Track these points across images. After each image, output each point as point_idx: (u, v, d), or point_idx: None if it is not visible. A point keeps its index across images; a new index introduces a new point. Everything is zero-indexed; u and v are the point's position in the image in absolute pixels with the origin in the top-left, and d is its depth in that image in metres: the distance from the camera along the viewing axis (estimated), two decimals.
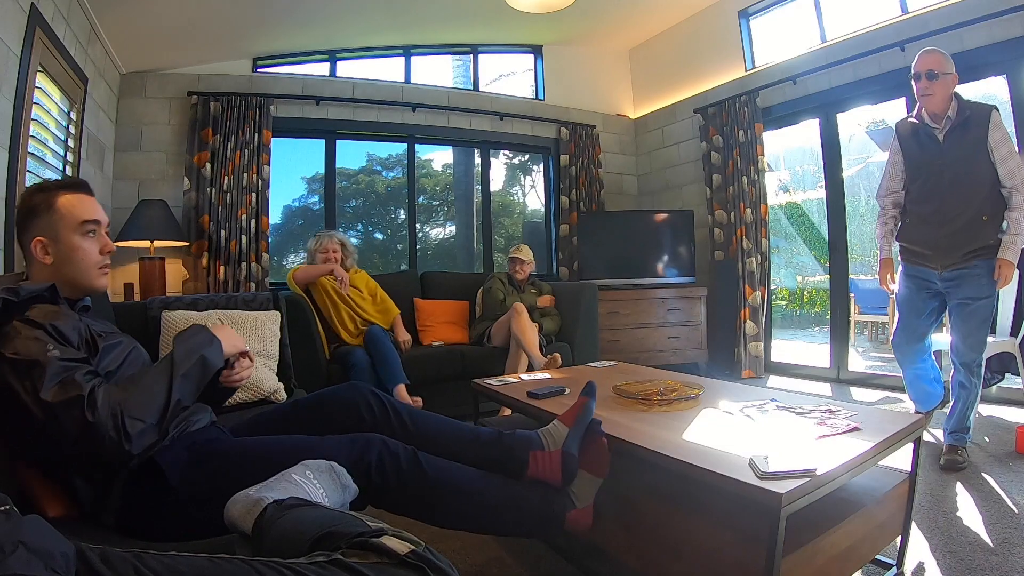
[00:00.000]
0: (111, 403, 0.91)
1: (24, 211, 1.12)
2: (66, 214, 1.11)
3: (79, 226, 1.12)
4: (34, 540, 0.61)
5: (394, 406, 1.28)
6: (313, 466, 0.97)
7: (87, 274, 1.14)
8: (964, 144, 2.04)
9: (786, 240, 6.85)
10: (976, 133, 2.02)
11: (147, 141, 3.54)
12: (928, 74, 2.04)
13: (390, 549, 0.68)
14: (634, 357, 3.83)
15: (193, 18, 3.21)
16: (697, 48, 4.55)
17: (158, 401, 0.97)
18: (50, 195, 1.11)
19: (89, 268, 1.14)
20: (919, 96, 2.09)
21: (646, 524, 1.26)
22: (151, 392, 0.97)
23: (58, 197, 1.11)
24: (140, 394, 0.96)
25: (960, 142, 2.05)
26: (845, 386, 3.59)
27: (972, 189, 2.04)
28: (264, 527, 0.80)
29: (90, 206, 1.15)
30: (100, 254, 1.16)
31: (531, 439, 1.23)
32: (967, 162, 2.04)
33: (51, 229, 1.10)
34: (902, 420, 1.35)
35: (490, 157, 4.81)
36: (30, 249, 1.11)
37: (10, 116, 2.00)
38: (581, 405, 1.27)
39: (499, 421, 2.16)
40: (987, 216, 2.03)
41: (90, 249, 1.14)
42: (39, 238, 1.10)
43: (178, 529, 0.98)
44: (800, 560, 1.03)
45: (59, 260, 1.11)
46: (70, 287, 1.13)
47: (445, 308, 3.54)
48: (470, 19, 4.12)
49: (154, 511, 1.01)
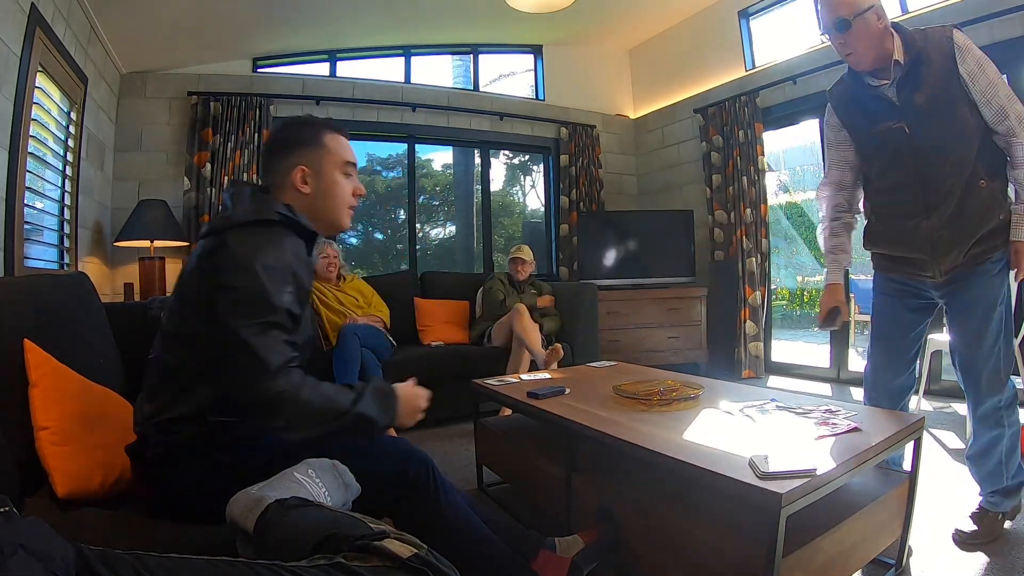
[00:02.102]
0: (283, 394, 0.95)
1: (287, 139, 1.15)
2: (334, 151, 1.16)
3: (343, 165, 1.17)
4: (34, 542, 0.61)
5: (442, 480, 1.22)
6: (316, 464, 0.97)
7: (339, 211, 1.18)
8: (927, 90, 1.43)
9: (786, 240, 6.86)
10: (940, 69, 1.42)
11: (147, 141, 3.54)
12: (838, 25, 1.43)
13: (392, 552, 0.68)
14: (634, 357, 3.83)
15: (193, 18, 3.21)
16: (697, 48, 4.55)
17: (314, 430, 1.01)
18: (318, 130, 1.16)
19: (342, 205, 1.18)
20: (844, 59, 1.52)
21: (646, 524, 1.26)
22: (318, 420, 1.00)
23: (325, 134, 1.16)
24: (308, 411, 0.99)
25: (921, 90, 1.44)
26: (845, 386, 3.59)
27: (956, 149, 1.44)
28: (266, 527, 0.80)
29: (350, 149, 1.20)
30: (352, 195, 1.20)
31: (543, 541, 1.25)
32: (938, 113, 1.44)
33: (317, 161, 1.14)
34: (902, 420, 1.35)
35: (490, 157, 4.81)
36: (289, 175, 1.12)
37: (10, 116, 2.00)
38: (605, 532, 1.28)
39: (499, 421, 2.16)
40: (984, 180, 1.44)
41: (347, 187, 1.18)
42: (303, 167, 1.12)
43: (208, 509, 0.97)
44: (800, 560, 1.03)
45: (317, 192, 1.14)
46: (320, 221, 1.15)
47: (445, 308, 3.54)
48: (470, 19, 4.12)
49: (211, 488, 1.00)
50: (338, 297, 3.01)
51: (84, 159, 2.82)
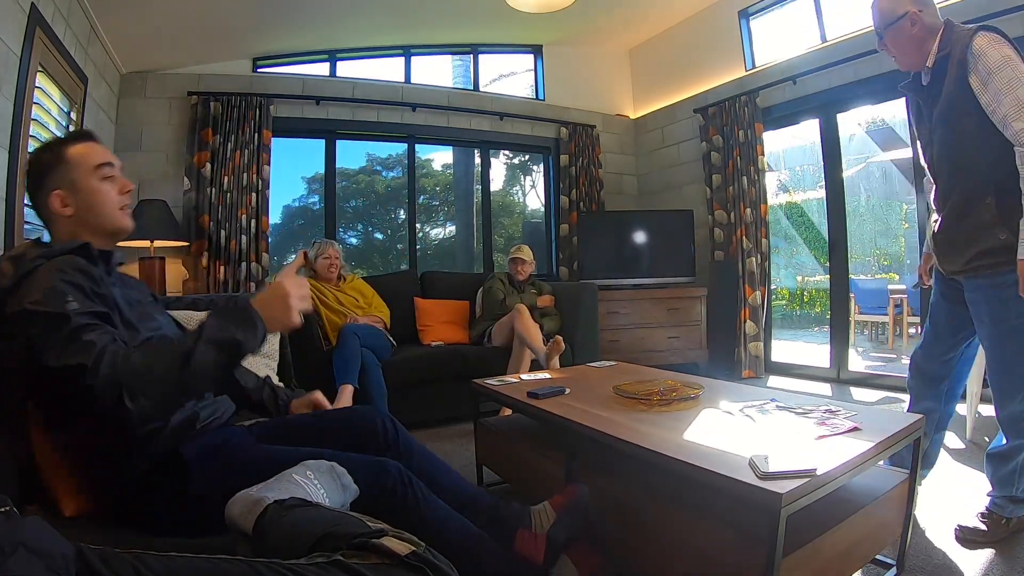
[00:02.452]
0: (116, 372, 0.86)
1: (35, 171, 1.10)
2: (81, 161, 1.10)
3: (95, 170, 1.11)
4: (34, 541, 0.61)
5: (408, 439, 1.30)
6: (314, 466, 0.97)
7: (111, 216, 1.12)
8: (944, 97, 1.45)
9: (786, 240, 6.86)
10: (955, 76, 1.40)
11: (147, 141, 3.54)
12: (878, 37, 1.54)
13: (390, 550, 0.68)
14: (634, 357, 3.83)
15: (193, 18, 3.21)
16: (697, 48, 4.55)
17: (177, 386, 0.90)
18: (58, 148, 1.11)
19: (112, 210, 1.12)
20: None
21: (646, 524, 1.26)
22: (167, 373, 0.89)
23: (66, 148, 1.10)
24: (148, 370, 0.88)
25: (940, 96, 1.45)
26: (845, 386, 3.59)
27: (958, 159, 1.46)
28: (265, 527, 0.80)
29: (101, 150, 1.14)
30: (120, 194, 1.14)
31: (522, 517, 1.24)
32: (947, 121, 1.45)
33: (67, 179, 1.08)
34: (902, 420, 1.35)
35: (490, 157, 4.81)
36: (48, 206, 1.09)
37: (10, 116, 2.00)
38: (571, 494, 1.27)
39: (499, 421, 2.16)
40: (992, 197, 1.40)
41: (110, 191, 1.12)
42: (57, 191, 1.08)
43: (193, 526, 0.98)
44: (800, 560, 1.03)
45: (81, 208, 1.09)
46: (96, 234, 1.10)
47: (445, 308, 3.54)
48: (470, 19, 4.12)
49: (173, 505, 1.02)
50: (338, 297, 3.02)
51: None
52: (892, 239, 6.47)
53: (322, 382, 2.48)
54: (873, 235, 6.42)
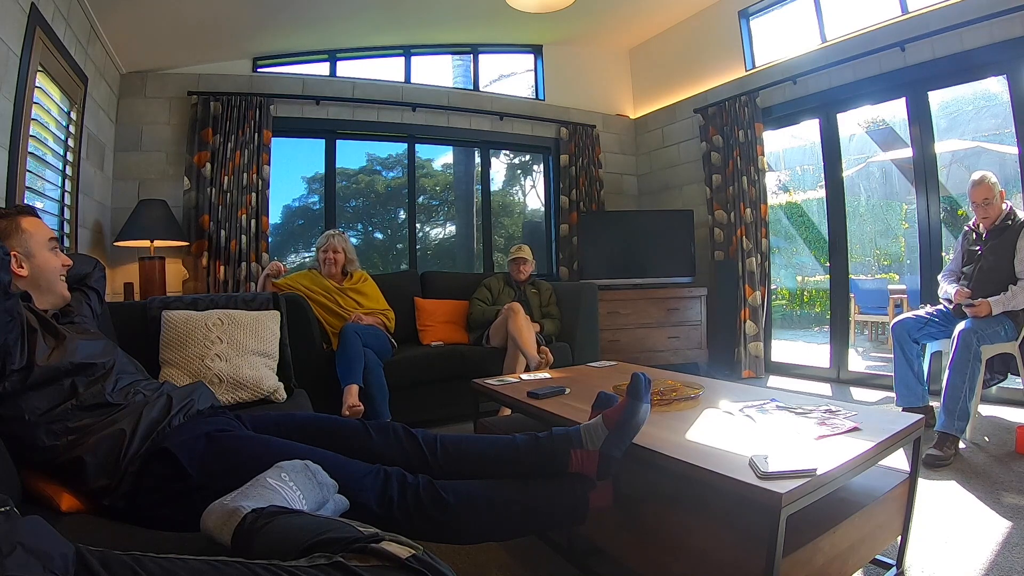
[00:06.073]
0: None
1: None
2: (35, 232, 1.27)
3: (47, 242, 1.30)
4: (33, 541, 0.60)
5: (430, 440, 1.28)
6: (288, 467, 0.95)
7: (57, 283, 1.31)
8: (999, 242, 2.45)
9: (786, 240, 6.85)
10: (1009, 235, 2.43)
11: (147, 141, 3.54)
12: (984, 203, 2.46)
13: (391, 553, 0.68)
14: (634, 357, 3.83)
15: (193, 18, 3.21)
16: (697, 48, 4.55)
17: None
18: (12, 218, 1.26)
19: (57, 278, 1.32)
20: (980, 219, 2.53)
21: (646, 524, 1.26)
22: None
23: (21, 220, 1.27)
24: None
25: (997, 240, 2.46)
26: (845, 386, 3.59)
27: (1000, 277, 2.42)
28: (246, 538, 0.78)
29: (46, 227, 1.33)
30: (61, 266, 1.33)
31: (571, 437, 1.24)
32: (996, 255, 2.44)
33: (24, 246, 1.25)
34: (902, 420, 1.35)
35: (490, 157, 4.81)
36: None
37: (10, 116, 2.00)
38: (623, 407, 1.23)
39: (499, 421, 2.16)
40: None
41: (56, 262, 1.31)
42: (15, 252, 1.22)
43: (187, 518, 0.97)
44: (800, 560, 1.03)
45: (34, 272, 1.26)
46: (43, 296, 1.27)
47: (445, 308, 3.53)
48: (470, 19, 4.12)
49: (165, 498, 1.02)
50: (336, 298, 2.96)
51: (84, 159, 2.82)
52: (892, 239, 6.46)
53: (322, 382, 2.49)
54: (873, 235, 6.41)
